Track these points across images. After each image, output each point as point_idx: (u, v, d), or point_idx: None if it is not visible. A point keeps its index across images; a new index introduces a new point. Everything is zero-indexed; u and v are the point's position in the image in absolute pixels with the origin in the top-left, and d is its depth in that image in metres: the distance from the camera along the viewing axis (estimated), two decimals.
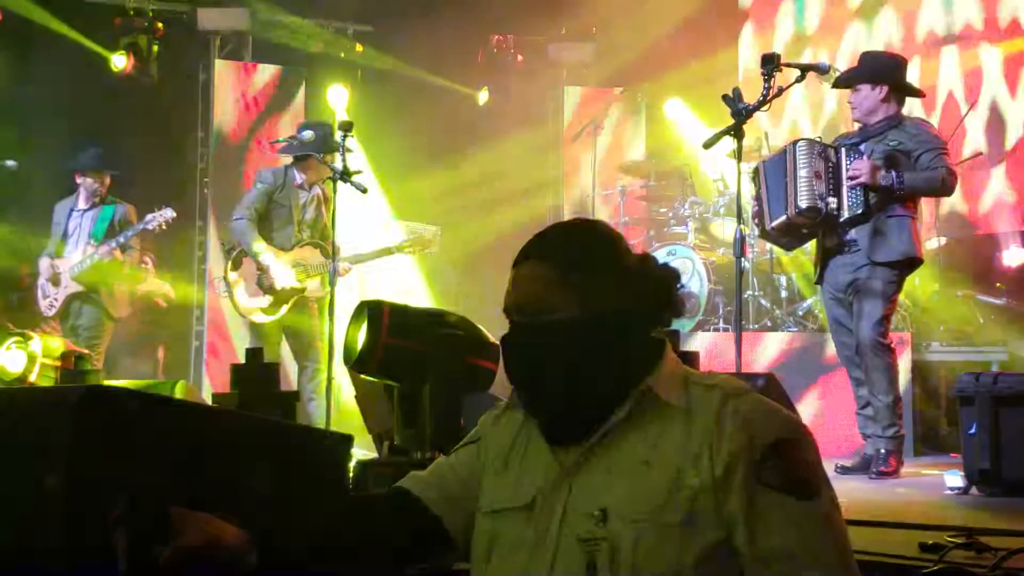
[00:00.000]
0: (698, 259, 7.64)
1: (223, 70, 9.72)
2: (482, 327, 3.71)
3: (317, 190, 7.06)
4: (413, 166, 8.14)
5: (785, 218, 5.36)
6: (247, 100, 9.66)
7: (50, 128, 8.64)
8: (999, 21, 8.15)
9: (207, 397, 7.29)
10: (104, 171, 7.59)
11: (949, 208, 8.20)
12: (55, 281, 7.43)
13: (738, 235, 4.93)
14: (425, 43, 9.88)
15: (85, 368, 5.47)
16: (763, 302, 7.56)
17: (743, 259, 5.14)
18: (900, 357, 5.57)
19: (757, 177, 5.62)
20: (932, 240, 7.69)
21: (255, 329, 7.08)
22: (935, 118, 8.22)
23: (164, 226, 7.41)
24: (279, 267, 6.84)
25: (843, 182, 5.28)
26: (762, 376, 3.90)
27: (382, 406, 3.93)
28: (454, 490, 1.91)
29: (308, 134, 6.76)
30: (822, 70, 5.34)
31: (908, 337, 6.57)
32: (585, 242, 1.84)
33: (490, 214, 9.49)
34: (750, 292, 7.41)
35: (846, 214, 5.27)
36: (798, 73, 5.20)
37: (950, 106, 8.39)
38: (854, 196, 5.24)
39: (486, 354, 3.61)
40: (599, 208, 9.65)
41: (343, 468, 2.63)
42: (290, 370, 7.32)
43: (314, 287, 6.93)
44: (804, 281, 7.62)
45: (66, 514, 1.83)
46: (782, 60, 5.04)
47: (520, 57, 10.60)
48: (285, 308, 6.89)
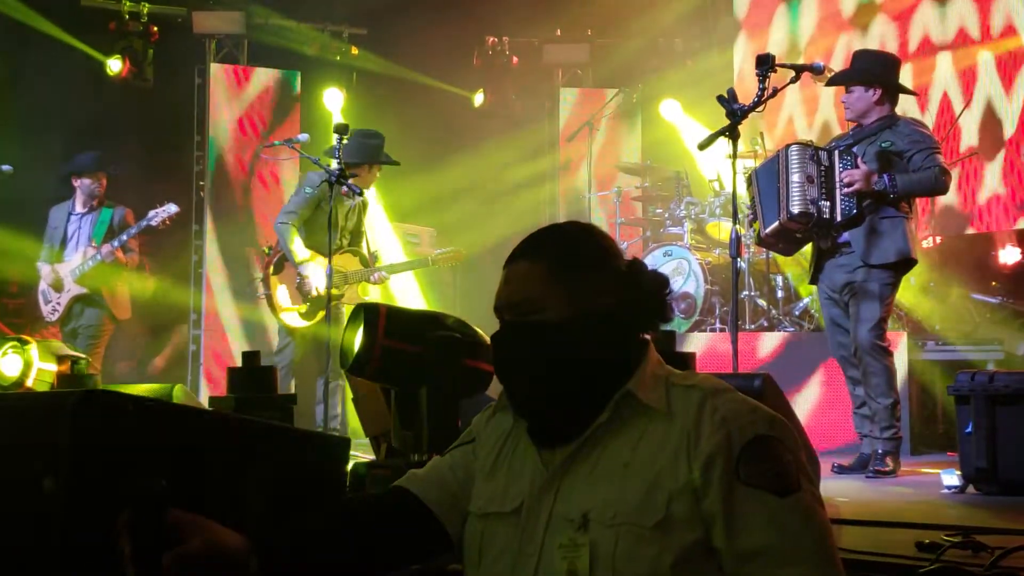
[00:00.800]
0: (694, 260, 7.64)
1: (219, 74, 9.72)
2: (479, 329, 3.70)
3: (359, 198, 7.02)
4: (409, 168, 8.12)
5: (778, 223, 5.37)
6: (243, 104, 9.66)
7: (46, 133, 8.62)
8: (991, 30, 8.17)
9: (204, 401, 7.28)
10: (101, 172, 7.60)
11: (944, 207, 8.20)
12: (57, 286, 7.41)
13: (734, 235, 4.93)
14: (420, 46, 9.89)
15: (82, 372, 5.45)
16: (759, 302, 7.57)
17: (739, 259, 5.13)
18: (896, 357, 5.57)
19: (751, 184, 5.63)
20: (928, 239, 7.70)
21: (289, 334, 7.09)
22: (930, 117, 8.23)
23: (168, 222, 7.40)
24: (319, 275, 6.78)
25: (836, 185, 5.28)
26: (758, 376, 3.89)
27: (379, 409, 3.93)
28: (453, 489, 1.90)
29: (304, 137, 6.76)
30: (816, 70, 5.34)
31: (904, 336, 6.58)
32: (576, 243, 1.84)
33: (486, 216, 9.49)
34: (746, 292, 7.41)
35: (839, 217, 5.28)
36: (793, 74, 5.21)
37: (944, 105, 8.40)
38: (847, 200, 5.25)
39: (483, 356, 3.60)
40: (595, 209, 9.66)
41: (341, 470, 2.63)
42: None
43: (351, 295, 6.91)
44: (800, 281, 7.63)
45: (64, 518, 1.83)
46: (776, 61, 5.05)
47: (515, 59, 10.61)
48: (319, 314, 6.86)
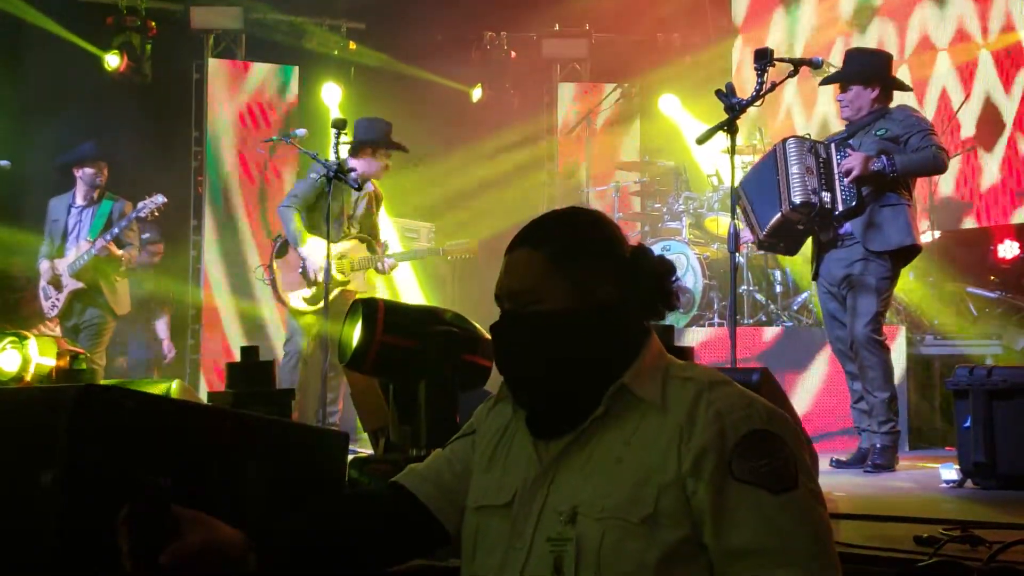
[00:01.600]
0: (692, 254, 7.64)
1: (216, 69, 9.71)
2: (477, 324, 3.70)
3: (370, 187, 6.93)
4: (407, 163, 8.12)
5: (780, 215, 5.37)
6: (241, 99, 9.65)
7: (44, 128, 8.61)
8: (990, 27, 8.17)
9: (203, 396, 7.27)
10: (102, 161, 7.57)
11: (943, 200, 8.21)
12: (56, 283, 7.39)
13: (732, 230, 4.93)
14: (418, 40, 9.89)
15: (81, 368, 5.45)
16: (758, 296, 7.57)
17: (737, 254, 5.13)
18: (894, 351, 5.57)
19: (740, 198, 5.60)
20: (926, 233, 7.70)
21: (296, 320, 6.95)
22: (929, 111, 8.23)
23: (156, 213, 7.36)
24: (319, 256, 6.58)
25: (835, 176, 5.29)
26: (757, 370, 3.89)
27: (378, 403, 3.93)
28: (450, 484, 1.89)
29: (302, 132, 6.73)
30: (815, 65, 5.34)
31: (902, 330, 6.58)
32: (579, 231, 1.80)
33: (484, 211, 9.49)
34: (745, 287, 7.42)
35: (840, 207, 5.28)
36: (791, 68, 5.21)
37: (943, 100, 8.40)
38: (847, 189, 5.26)
39: (481, 351, 3.60)
40: (593, 204, 9.65)
41: (340, 465, 2.63)
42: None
43: (358, 282, 6.80)
44: (799, 275, 7.63)
45: (61, 512, 1.82)
46: (775, 55, 5.05)
47: (513, 54, 10.60)
48: (324, 302, 6.54)
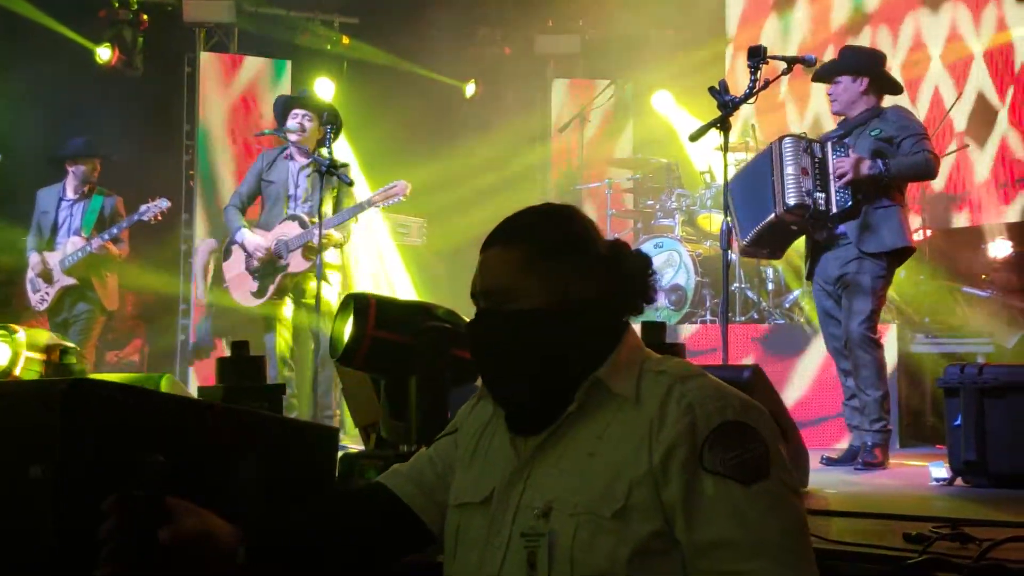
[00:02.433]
0: (685, 252, 7.64)
1: (209, 62, 9.69)
2: (469, 320, 3.70)
3: (304, 160, 6.63)
4: (399, 158, 8.12)
5: (774, 216, 5.37)
6: (233, 93, 9.63)
7: (35, 122, 8.59)
8: (982, 27, 8.19)
9: (193, 391, 7.26)
10: (95, 157, 7.56)
11: (935, 200, 8.22)
12: (46, 276, 7.36)
13: (725, 227, 4.92)
14: (412, 35, 9.88)
15: (70, 361, 5.43)
16: (750, 294, 7.57)
17: (730, 251, 5.13)
18: (885, 349, 5.58)
19: (728, 196, 5.58)
20: (918, 232, 7.71)
21: (264, 321, 6.76)
22: (921, 111, 8.25)
23: (159, 217, 7.35)
24: (254, 243, 6.56)
25: (830, 177, 5.30)
26: (748, 368, 3.90)
27: (369, 399, 3.92)
28: (432, 483, 1.90)
29: (294, 125, 6.68)
30: (808, 63, 5.34)
31: (893, 328, 6.59)
32: (554, 228, 1.78)
33: (477, 206, 9.46)
34: (737, 284, 7.42)
35: (835, 209, 5.29)
36: (784, 66, 5.21)
37: (936, 100, 8.41)
38: (842, 191, 5.27)
39: None
40: (586, 200, 9.65)
41: (330, 460, 2.63)
42: None
43: (297, 263, 6.50)
44: (790, 273, 7.64)
45: (52, 506, 1.82)
46: (768, 53, 5.05)
47: (507, 49, 10.60)
48: (272, 289, 6.58)
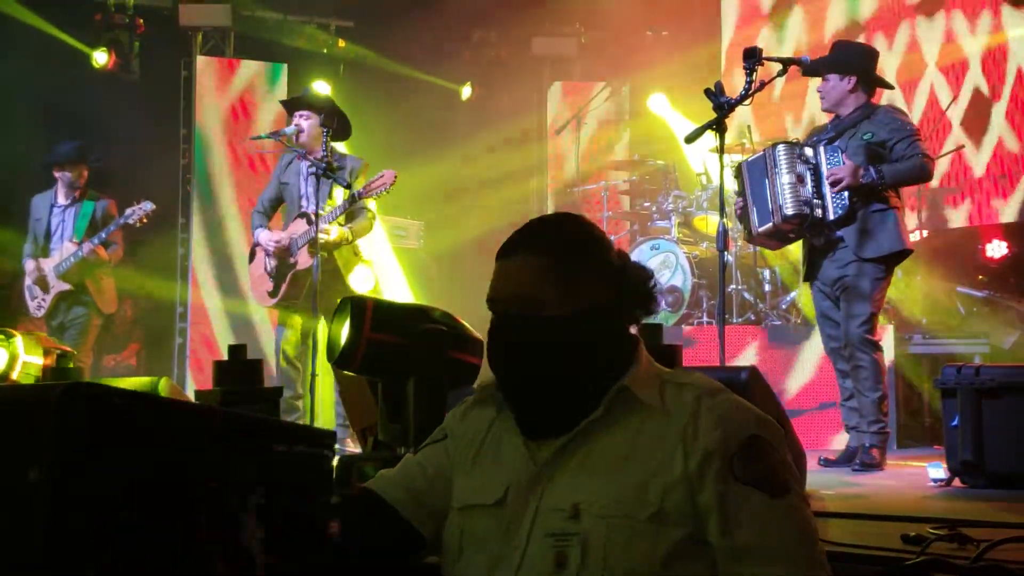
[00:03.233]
0: (681, 253, 7.65)
1: (205, 66, 9.68)
2: (465, 322, 3.70)
3: (311, 159, 6.51)
4: (396, 162, 8.09)
5: (771, 225, 5.39)
6: (229, 97, 9.63)
7: (31, 126, 8.59)
8: (978, 29, 8.20)
9: (191, 394, 7.26)
10: (82, 164, 7.54)
11: (931, 200, 8.23)
12: (42, 283, 7.36)
13: (721, 229, 4.93)
14: (408, 38, 9.87)
15: (67, 366, 5.42)
16: (746, 295, 7.57)
17: (726, 253, 5.13)
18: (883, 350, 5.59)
19: (740, 177, 5.62)
20: (914, 232, 7.72)
21: (282, 321, 6.71)
22: (917, 112, 8.25)
23: (145, 219, 7.33)
24: (267, 237, 6.61)
25: (824, 182, 5.30)
26: (745, 369, 3.89)
27: (366, 401, 3.92)
28: (421, 488, 1.92)
29: (291, 128, 6.67)
30: (803, 64, 5.35)
31: (890, 330, 6.60)
32: (573, 237, 1.83)
33: (473, 209, 9.49)
34: (733, 286, 7.42)
35: (832, 216, 5.29)
36: (780, 67, 5.22)
37: (932, 100, 8.42)
38: (838, 196, 5.27)
39: (469, 349, 3.60)
40: (582, 203, 9.66)
41: (327, 463, 2.62)
42: None
43: (304, 260, 6.48)
44: (787, 274, 7.64)
45: (48, 510, 1.81)
46: (763, 54, 5.05)
47: (503, 52, 10.59)
48: (284, 288, 6.56)
